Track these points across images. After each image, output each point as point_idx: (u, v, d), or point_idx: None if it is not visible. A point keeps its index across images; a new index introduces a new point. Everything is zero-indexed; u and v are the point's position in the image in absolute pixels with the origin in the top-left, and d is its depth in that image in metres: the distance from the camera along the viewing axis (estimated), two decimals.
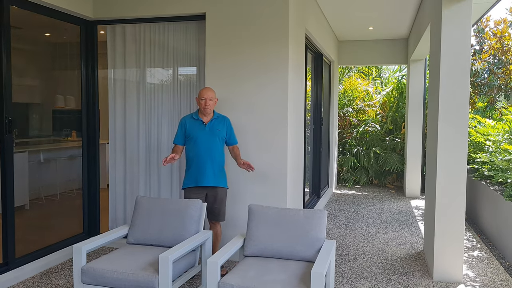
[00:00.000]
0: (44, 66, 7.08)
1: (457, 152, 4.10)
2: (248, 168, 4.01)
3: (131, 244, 3.76)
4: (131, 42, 5.03)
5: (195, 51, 4.88)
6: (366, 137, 9.93)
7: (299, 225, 3.40)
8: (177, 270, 3.31)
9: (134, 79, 5.05)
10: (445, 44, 4.08)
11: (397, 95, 10.16)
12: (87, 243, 3.37)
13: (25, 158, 5.82)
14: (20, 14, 4.17)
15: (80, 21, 4.93)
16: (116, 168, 5.14)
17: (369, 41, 8.90)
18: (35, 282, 4.03)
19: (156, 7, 4.75)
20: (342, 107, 10.27)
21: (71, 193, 6.33)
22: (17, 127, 4.13)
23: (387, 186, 9.63)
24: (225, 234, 4.65)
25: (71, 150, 6.64)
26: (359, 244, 5.31)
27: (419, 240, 5.51)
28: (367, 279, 4.17)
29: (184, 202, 3.76)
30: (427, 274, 4.35)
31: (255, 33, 4.48)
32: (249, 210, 3.56)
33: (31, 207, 5.97)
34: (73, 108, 6.54)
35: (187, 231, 3.63)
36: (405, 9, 6.48)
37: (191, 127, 4.08)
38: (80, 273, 3.28)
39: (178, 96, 4.94)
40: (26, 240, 4.51)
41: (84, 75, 5.07)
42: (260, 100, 4.50)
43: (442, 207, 4.17)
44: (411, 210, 7.24)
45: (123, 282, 3.17)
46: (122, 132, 5.11)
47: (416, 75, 8.30)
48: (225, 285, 2.94)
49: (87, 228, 5.15)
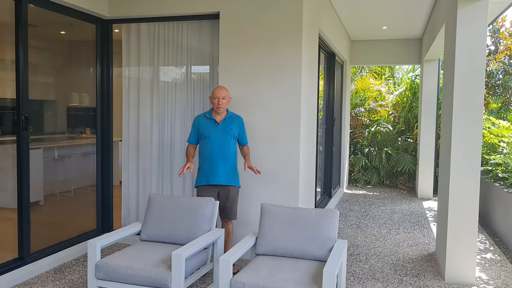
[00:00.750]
0: (59, 63, 7.17)
1: (471, 153, 4.07)
2: (254, 172, 4.04)
3: (144, 241, 3.80)
4: (145, 40, 5.07)
5: (208, 50, 4.90)
6: (378, 137, 9.88)
7: (311, 224, 3.41)
8: (189, 268, 3.34)
9: (148, 77, 5.09)
10: (459, 45, 4.05)
11: (410, 95, 10.09)
12: (101, 239, 3.42)
13: (40, 155, 5.91)
14: (36, 12, 4.22)
15: (96, 20, 4.98)
16: (129, 166, 5.19)
17: (382, 41, 8.85)
18: (49, 277, 4.09)
19: (171, 6, 4.78)
20: (354, 107, 10.23)
21: (85, 189, 6.41)
22: (32, 124, 4.19)
23: (398, 186, 9.57)
24: (236, 233, 4.67)
25: (85, 147, 6.72)
26: (370, 244, 5.29)
27: (431, 241, 5.48)
28: (378, 280, 4.16)
29: (197, 200, 3.79)
30: (439, 275, 4.32)
31: (268, 32, 4.49)
32: (262, 209, 3.57)
33: (46, 203, 6.06)
34: (88, 105, 6.61)
35: (199, 229, 3.65)
36: (419, 9, 6.44)
37: (204, 125, 4.11)
38: (94, 269, 3.32)
39: (191, 94, 4.97)
40: (41, 235, 4.58)
41: (99, 73, 5.12)
42: (273, 99, 4.51)
43: (455, 208, 4.15)
44: (423, 211, 7.19)
45: (136, 278, 3.21)
46: (135, 129, 5.15)
47: (430, 75, 8.24)
48: (237, 283, 2.96)
49: (101, 225, 5.21)
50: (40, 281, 4.00)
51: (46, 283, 3.95)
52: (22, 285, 3.89)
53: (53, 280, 4.01)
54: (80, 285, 3.91)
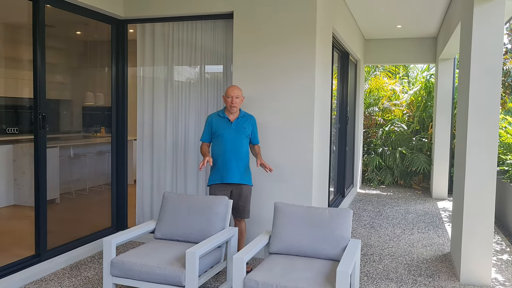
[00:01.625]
0: (75, 63, 7.26)
1: (487, 153, 4.02)
2: (265, 169, 4.02)
3: (158, 239, 3.84)
4: (159, 40, 5.11)
5: (222, 49, 4.92)
6: (392, 137, 9.81)
7: (324, 223, 3.40)
8: (203, 266, 3.36)
9: (162, 76, 5.13)
10: (475, 43, 4.00)
11: (425, 94, 10.00)
12: (116, 237, 3.46)
13: (56, 153, 6.00)
14: (53, 12, 4.28)
15: (111, 20, 5.03)
16: (143, 164, 5.24)
17: (397, 40, 8.78)
18: (65, 274, 4.15)
19: (185, 6, 4.81)
20: (367, 107, 10.17)
21: (100, 188, 6.48)
22: (48, 123, 4.26)
23: (413, 186, 9.49)
24: (249, 231, 4.68)
25: (100, 146, 6.80)
26: (384, 244, 5.27)
27: (445, 242, 5.43)
28: (392, 280, 4.14)
29: (210, 198, 3.81)
30: (454, 276, 4.28)
31: (282, 32, 4.49)
32: (275, 208, 3.58)
33: (62, 201, 6.16)
34: (103, 105, 6.69)
35: (213, 228, 3.67)
36: (434, 7, 6.38)
37: (217, 124, 4.13)
38: (110, 266, 3.36)
39: (205, 94, 5.00)
40: (57, 233, 4.65)
41: (114, 73, 5.17)
42: (286, 98, 4.51)
43: (471, 209, 4.10)
44: (437, 212, 7.13)
45: (151, 276, 3.24)
46: (149, 129, 5.20)
47: (445, 74, 8.15)
48: (251, 281, 2.97)
49: (115, 223, 5.26)
50: (56, 277, 4.06)
51: (62, 279, 4.01)
52: (39, 282, 3.95)
53: (69, 277, 4.07)
54: (96, 282, 3.96)
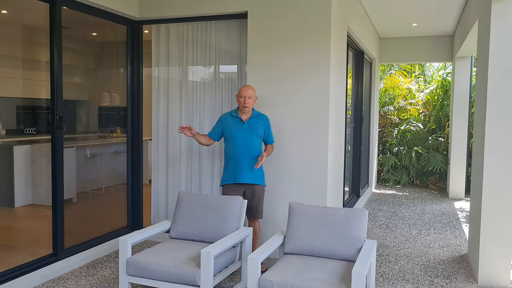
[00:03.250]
0: (90, 64, 7.35)
1: (506, 153, 3.95)
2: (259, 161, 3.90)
3: (173, 238, 3.86)
4: (174, 41, 5.14)
5: (236, 49, 4.93)
6: (408, 136, 9.71)
7: (339, 224, 3.38)
8: (218, 265, 3.37)
9: (177, 77, 5.16)
10: (494, 41, 3.94)
11: (441, 93, 9.87)
12: (132, 236, 3.49)
13: (73, 153, 6.08)
14: (69, 14, 4.33)
15: (126, 21, 5.07)
16: (158, 164, 5.27)
17: (412, 38, 8.68)
18: (82, 273, 4.20)
19: (199, 6, 4.82)
20: (382, 106, 10.08)
21: (115, 187, 6.56)
22: (65, 123, 4.31)
23: (429, 186, 9.39)
24: (264, 231, 4.68)
25: (115, 146, 6.87)
26: (400, 245, 5.21)
27: (463, 242, 5.35)
28: (408, 281, 4.09)
29: (225, 198, 3.82)
30: (472, 278, 4.22)
31: (297, 31, 4.48)
32: (290, 208, 3.57)
33: (78, 200, 6.24)
34: (118, 105, 6.75)
35: (228, 227, 3.68)
36: (451, 5, 6.29)
37: (229, 124, 4.13)
38: (126, 265, 3.39)
39: (219, 94, 5.01)
40: (74, 232, 4.70)
41: (129, 73, 5.21)
42: (301, 98, 4.50)
43: (489, 209, 4.04)
44: (454, 212, 7.03)
45: (166, 275, 3.26)
46: (164, 129, 5.23)
47: (462, 72, 8.04)
48: (265, 281, 2.97)
49: (131, 222, 5.31)
50: (73, 276, 4.11)
51: (79, 278, 4.06)
52: (56, 280, 4.01)
53: (86, 276, 4.12)
54: (112, 280, 4.00)
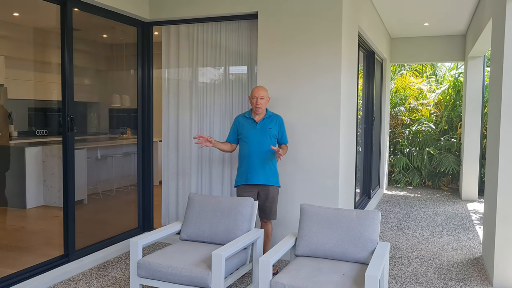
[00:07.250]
0: (101, 66, 7.38)
1: None
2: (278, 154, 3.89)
3: (184, 240, 3.84)
4: (184, 42, 5.13)
5: (246, 50, 4.91)
6: (419, 137, 9.61)
7: (352, 226, 3.34)
8: (229, 267, 3.35)
9: (187, 78, 5.15)
10: (509, 40, 3.87)
11: (453, 93, 9.76)
12: (142, 238, 3.48)
13: (84, 155, 6.10)
14: (80, 16, 4.35)
15: (137, 23, 5.08)
16: (169, 166, 5.26)
17: (424, 38, 8.60)
18: (93, 274, 4.20)
19: (209, 6, 4.81)
20: (394, 106, 9.99)
21: (126, 189, 6.57)
22: (76, 125, 4.32)
23: (441, 188, 9.28)
24: (275, 233, 4.65)
25: (126, 147, 6.89)
26: (412, 247, 5.15)
27: (477, 245, 5.27)
28: (422, 284, 4.03)
29: (236, 200, 3.79)
30: (486, 280, 4.15)
31: (307, 31, 4.44)
32: (301, 209, 3.53)
33: (89, 201, 6.26)
34: (129, 106, 6.77)
35: (239, 229, 3.66)
36: (463, 4, 6.21)
37: (243, 125, 4.12)
38: (136, 267, 3.38)
39: (229, 95, 4.99)
40: (85, 233, 4.71)
41: (140, 75, 5.22)
42: (312, 99, 4.46)
43: (504, 211, 3.97)
44: (468, 214, 6.94)
45: (177, 277, 3.25)
46: (175, 130, 5.22)
47: (474, 72, 7.93)
48: (277, 284, 2.94)
49: (142, 223, 5.31)
50: (84, 277, 4.12)
51: (90, 279, 4.06)
52: (67, 281, 4.01)
53: (97, 277, 4.12)
54: (123, 282, 3.99)
